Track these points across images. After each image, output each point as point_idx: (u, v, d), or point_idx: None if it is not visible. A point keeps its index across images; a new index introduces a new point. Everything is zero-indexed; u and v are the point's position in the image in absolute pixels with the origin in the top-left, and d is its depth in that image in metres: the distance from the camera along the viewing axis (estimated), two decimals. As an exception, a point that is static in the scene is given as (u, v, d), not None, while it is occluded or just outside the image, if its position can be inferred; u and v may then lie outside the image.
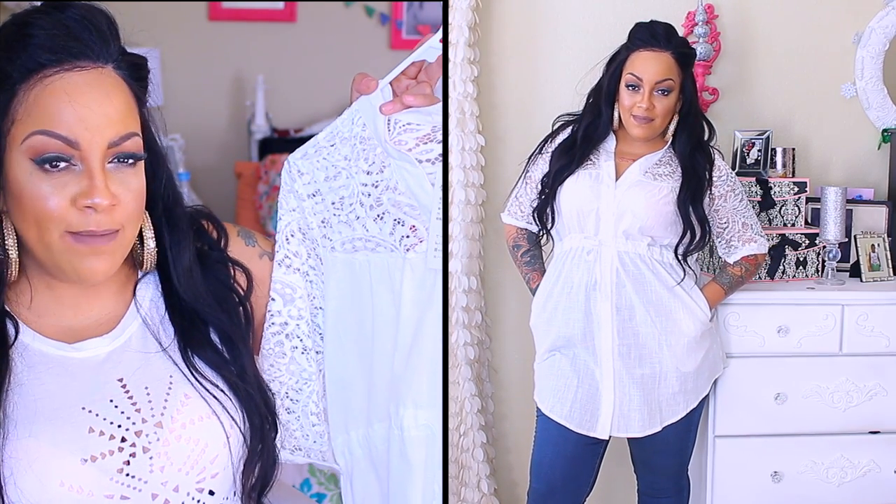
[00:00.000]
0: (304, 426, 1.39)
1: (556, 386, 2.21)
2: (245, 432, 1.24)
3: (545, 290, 2.27)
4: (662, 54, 2.13)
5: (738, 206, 2.25)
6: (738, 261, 2.26)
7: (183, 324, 1.26)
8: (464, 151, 2.60)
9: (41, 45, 1.13)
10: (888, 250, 2.60)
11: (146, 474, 1.17)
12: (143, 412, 1.18)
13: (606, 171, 2.18)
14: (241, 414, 1.24)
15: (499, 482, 2.77)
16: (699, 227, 2.17)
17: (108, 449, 1.15)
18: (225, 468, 1.23)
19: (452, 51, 2.56)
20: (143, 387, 1.20)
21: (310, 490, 2.83)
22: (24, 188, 1.14)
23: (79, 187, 1.14)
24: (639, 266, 2.15)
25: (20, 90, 1.13)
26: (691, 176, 2.17)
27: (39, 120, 1.13)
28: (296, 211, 1.37)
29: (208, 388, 1.23)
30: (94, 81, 1.15)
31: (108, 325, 1.23)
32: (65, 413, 1.15)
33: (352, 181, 1.38)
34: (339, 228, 1.38)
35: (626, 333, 2.16)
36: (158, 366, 1.23)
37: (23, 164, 1.13)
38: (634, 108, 2.13)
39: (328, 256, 1.39)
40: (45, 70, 1.13)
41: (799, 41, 2.74)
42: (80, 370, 1.19)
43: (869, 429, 2.45)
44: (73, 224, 1.14)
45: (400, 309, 1.40)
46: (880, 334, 2.40)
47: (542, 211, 2.25)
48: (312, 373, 1.38)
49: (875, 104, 2.75)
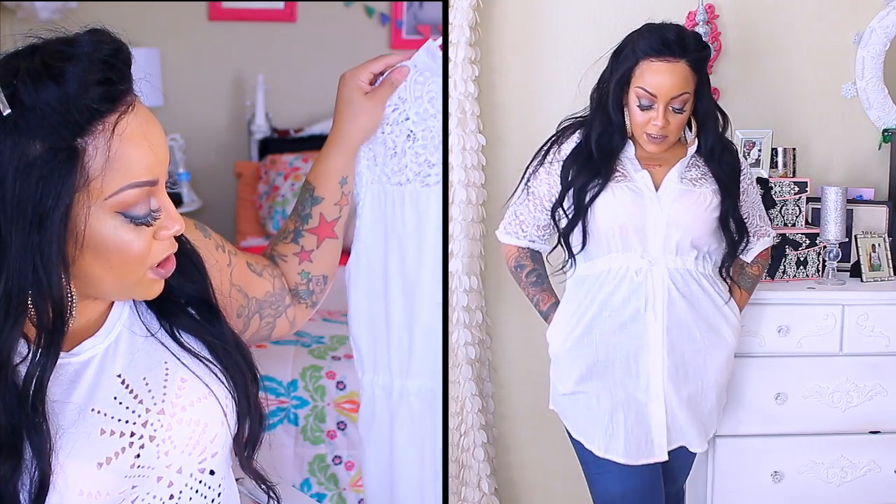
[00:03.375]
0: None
1: (603, 424, 2.07)
2: (230, 389, 1.27)
3: (571, 315, 2.11)
4: (677, 65, 1.97)
5: (756, 199, 2.20)
6: (755, 258, 2.21)
7: (158, 300, 1.26)
8: (464, 151, 2.60)
9: (100, 96, 1.08)
10: (888, 250, 2.59)
11: (154, 461, 1.19)
12: (145, 402, 1.20)
13: (643, 182, 2.05)
14: (225, 374, 1.27)
15: (499, 482, 2.77)
16: (737, 232, 2.10)
17: (120, 447, 1.16)
18: (223, 447, 1.27)
19: (453, 50, 2.56)
20: (141, 378, 1.22)
21: (310, 490, 2.83)
22: (110, 240, 1.12)
23: (158, 223, 1.15)
24: (688, 282, 2.06)
25: (89, 146, 1.09)
26: (725, 179, 2.08)
27: (125, 173, 1.11)
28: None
29: (200, 360, 1.26)
30: (146, 114, 1.15)
31: (98, 323, 1.23)
32: (76, 420, 1.15)
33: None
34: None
35: (675, 353, 2.06)
36: (151, 354, 1.25)
37: (106, 219, 1.11)
38: (649, 125, 2.01)
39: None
40: (105, 118, 1.10)
41: (799, 41, 2.74)
42: (81, 373, 1.19)
43: (869, 429, 2.45)
44: (155, 256, 1.16)
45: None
46: (880, 334, 2.40)
47: (568, 234, 2.07)
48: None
49: (876, 104, 2.75)
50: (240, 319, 1.45)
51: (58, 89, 1.06)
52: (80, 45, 1.09)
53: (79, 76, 1.07)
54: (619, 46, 2.07)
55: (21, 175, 1.05)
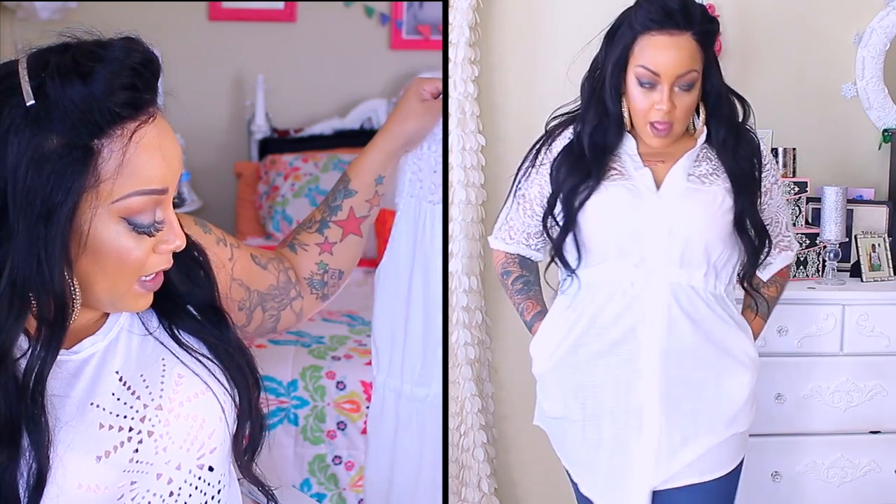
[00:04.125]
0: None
1: (586, 459, 1.82)
2: (232, 393, 1.28)
3: (557, 329, 1.84)
4: (682, 37, 1.68)
5: (781, 203, 1.83)
6: (773, 277, 1.86)
7: (161, 300, 1.26)
8: (464, 151, 2.60)
9: (124, 101, 1.09)
10: (888, 250, 2.60)
11: (152, 457, 1.19)
12: (143, 398, 1.21)
13: (642, 181, 1.75)
14: (226, 375, 1.28)
15: (499, 482, 2.77)
16: (758, 237, 1.76)
17: (118, 441, 1.17)
18: (222, 443, 1.27)
19: (453, 51, 2.56)
20: (138, 374, 1.22)
21: (310, 490, 2.83)
22: (110, 245, 1.13)
23: (161, 235, 1.16)
24: (694, 301, 1.73)
25: (104, 148, 1.09)
26: (741, 175, 1.75)
27: (136, 179, 1.11)
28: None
29: (198, 357, 1.26)
30: (165, 127, 1.16)
31: (98, 322, 1.24)
32: (75, 414, 1.16)
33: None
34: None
35: (675, 385, 1.74)
36: (150, 352, 1.25)
37: (110, 223, 1.12)
38: (652, 111, 1.71)
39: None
40: (125, 123, 1.11)
41: (799, 41, 2.74)
42: (81, 370, 1.20)
43: (869, 429, 2.45)
44: (150, 268, 1.17)
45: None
46: (880, 334, 2.40)
47: (560, 245, 1.80)
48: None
49: (876, 104, 2.75)
50: (241, 312, 1.46)
51: (84, 88, 1.07)
52: (112, 49, 1.10)
53: (106, 78, 1.08)
54: (614, 23, 1.78)
55: (34, 166, 1.07)
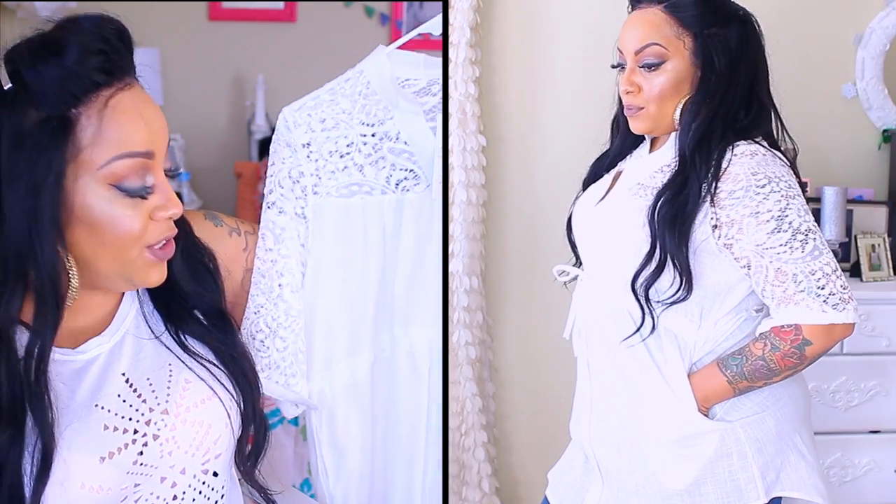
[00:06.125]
0: (293, 363, 1.48)
1: (560, 466, 1.74)
2: (237, 399, 1.28)
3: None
4: (646, 10, 1.54)
5: (768, 240, 1.41)
6: (767, 333, 1.44)
7: (167, 304, 1.27)
8: (465, 152, 2.60)
9: (96, 67, 1.10)
10: (888, 250, 2.60)
11: (157, 460, 1.19)
12: (149, 402, 1.20)
13: (603, 182, 1.63)
14: (231, 380, 1.28)
15: (500, 481, 2.77)
16: (660, 254, 1.44)
17: (123, 443, 1.17)
18: (227, 449, 1.27)
19: (453, 51, 2.56)
20: (145, 378, 1.22)
21: (310, 490, 2.83)
22: (102, 214, 1.12)
23: (154, 201, 1.15)
24: (605, 313, 1.54)
25: (81, 115, 1.10)
26: (673, 184, 1.47)
27: (117, 143, 1.11)
28: (288, 159, 1.48)
29: (204, 364, 1.26)
30: (143, 94, 1.17)
31: (104, 322, 1.24)
32: (80, 415, 1.16)
33: (350, 131, 1.50)
34: (335, 175, 1.51)
35: (602, 407, 1.56)
36: (156, 356, 1.25)
37: (99, 190, 1.12)
38: (622, 94, 1.57)
39: (321, 201, 1.50)
40: (100, 91, 1.11)
41: (799, 41, 2.74)
42: (86, 370, 1.20)
43: (869, 429, 2.45)
44: (152, 237, 1.16)
45: (399, 242, 1.57)
46: (881, 334, 2.40)
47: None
48: (300, 311, 1.48)
49: (876, 104, 2.75)
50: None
51: (56, 59, 1.08)
52: (83, 22, 1.12)
53: (77, 46, 1.09)
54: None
55: (15, 143, 1.08)
